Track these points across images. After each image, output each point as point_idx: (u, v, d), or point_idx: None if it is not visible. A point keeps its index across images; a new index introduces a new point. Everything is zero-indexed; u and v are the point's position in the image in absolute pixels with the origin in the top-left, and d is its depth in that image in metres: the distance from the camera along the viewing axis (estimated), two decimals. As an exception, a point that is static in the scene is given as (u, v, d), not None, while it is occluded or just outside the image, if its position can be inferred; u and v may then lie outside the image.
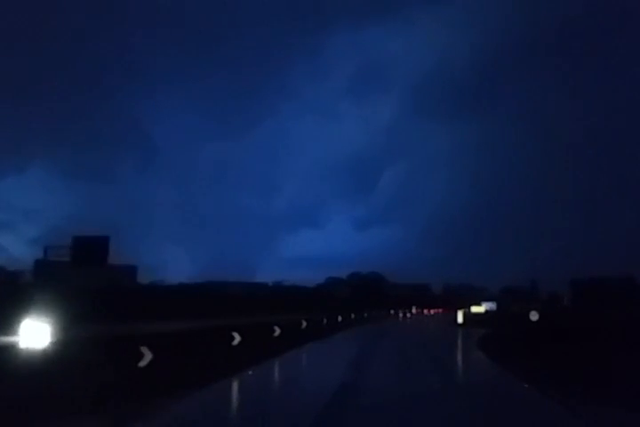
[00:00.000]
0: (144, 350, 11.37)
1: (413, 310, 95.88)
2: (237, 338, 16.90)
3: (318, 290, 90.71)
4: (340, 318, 39.61)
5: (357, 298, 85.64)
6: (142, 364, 11.06)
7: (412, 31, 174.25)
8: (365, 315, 56.29)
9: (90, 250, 24.12)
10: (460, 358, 19.67)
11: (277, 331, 21.47)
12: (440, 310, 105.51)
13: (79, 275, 33.55)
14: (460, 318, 42.46)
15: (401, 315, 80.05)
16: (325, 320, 33.83)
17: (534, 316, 26.90)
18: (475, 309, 44.50)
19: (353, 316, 47.37)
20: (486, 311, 45.62)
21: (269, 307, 51.20)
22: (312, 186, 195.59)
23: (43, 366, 9.57)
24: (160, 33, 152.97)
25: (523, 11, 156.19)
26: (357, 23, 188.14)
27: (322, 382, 11.69)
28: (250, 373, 12.84)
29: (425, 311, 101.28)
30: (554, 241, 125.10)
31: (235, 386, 11.38)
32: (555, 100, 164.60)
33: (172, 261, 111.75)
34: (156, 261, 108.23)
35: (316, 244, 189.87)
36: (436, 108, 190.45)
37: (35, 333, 10.43)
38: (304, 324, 26.90)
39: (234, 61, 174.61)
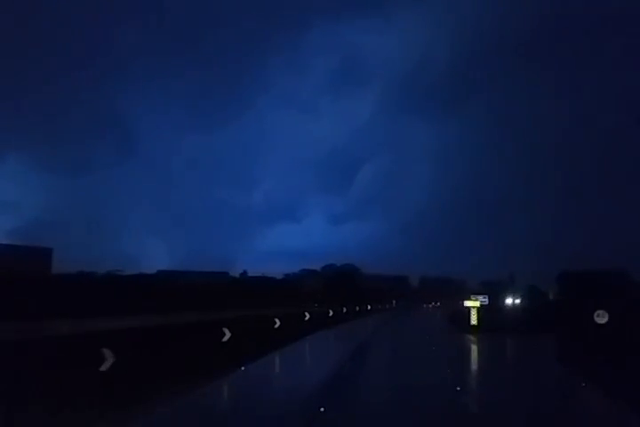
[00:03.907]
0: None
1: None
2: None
3: (286, 281, 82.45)
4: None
5: (330, 290, 77.76)
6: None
7: (392, 27, 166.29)
8: (330, 313, 39.52)
9: None
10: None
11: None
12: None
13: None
14: (473, 319, 29.71)
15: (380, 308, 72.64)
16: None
17: (602, 318, 17.64)
18: (469, 303, 35.62)
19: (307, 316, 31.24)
20: (481, 306, 37.57)
21: (227, 300, 43.56)
22: (290, 180, 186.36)
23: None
24: (138, 26, 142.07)
25: (507, 8, 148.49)
26: (337, 18, 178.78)
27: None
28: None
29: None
30: (535, 234, 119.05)
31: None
32: (539, 96, 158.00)
33: (148, 253, 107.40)
34: (132, 253, 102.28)
35: (293, 237, 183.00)
36: (415, 104, 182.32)
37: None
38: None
39: (214, 55, 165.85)
